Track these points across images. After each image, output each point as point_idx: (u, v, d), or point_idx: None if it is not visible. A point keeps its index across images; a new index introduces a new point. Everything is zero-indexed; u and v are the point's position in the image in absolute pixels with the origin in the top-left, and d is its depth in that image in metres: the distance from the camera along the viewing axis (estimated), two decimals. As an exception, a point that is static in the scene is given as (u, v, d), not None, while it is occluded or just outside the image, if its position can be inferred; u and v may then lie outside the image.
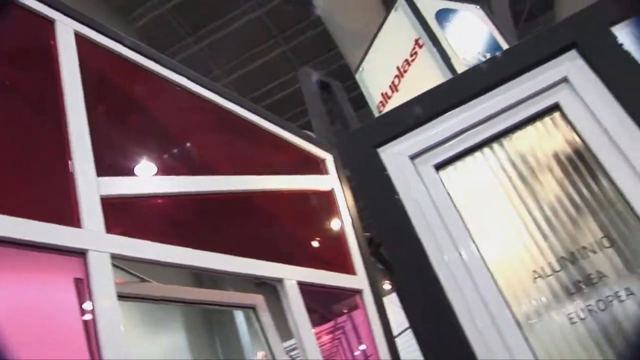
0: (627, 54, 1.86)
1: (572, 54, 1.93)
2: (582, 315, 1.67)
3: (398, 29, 4.54)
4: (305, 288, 2.82)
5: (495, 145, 1.95)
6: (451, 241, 1.85)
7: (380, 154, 1.97)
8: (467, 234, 1.86)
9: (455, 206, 1.89)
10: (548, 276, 1.74)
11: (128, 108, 2.68)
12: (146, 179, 2.44)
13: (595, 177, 1.81)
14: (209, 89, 3.00)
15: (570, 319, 1.68)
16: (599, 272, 1.71)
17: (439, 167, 1.93)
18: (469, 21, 4.85)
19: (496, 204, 1.90)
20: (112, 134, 2.52)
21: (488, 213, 1.91)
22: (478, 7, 5.05)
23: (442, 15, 4.57)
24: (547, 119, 1.93)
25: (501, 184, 1.91)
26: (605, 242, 1.74)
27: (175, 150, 2.83)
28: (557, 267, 1.74)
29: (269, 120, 3.39)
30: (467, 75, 2.11)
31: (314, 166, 3.59)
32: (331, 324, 6.10)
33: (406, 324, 2.02)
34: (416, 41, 4.36)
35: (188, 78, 2.87)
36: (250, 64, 11.20)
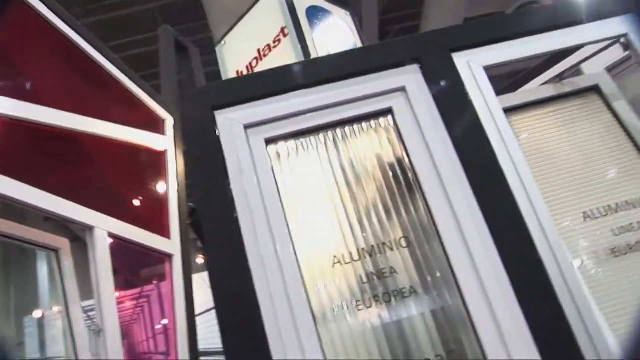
0: (459, 80, 2.03)
1: (414, 67, 2.06)
2: (368, 304, 1.79)
3: (268, 13, 4.55)
4: (117, 244, 2.74)
5: (325, 137, 2.02)
6: (266, 219, 1.88)
7: (217, 117, 1.96)
8: (282, 214, 1.90)
9: (277, 184, 1.93)
10: (347, 263, 1.84)
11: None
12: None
13: (409, 182, 1.95)
14: (63, 20, 2.83)
15: (358, 306, 1.79)
16: (392, 268, 1.84)
17: (270, 141, 1.97)
18: (337, 27, 4.98)
19: (315, 191, 1.98)
20: None
21: (306, 198, 1.98)
22: (348, 14, 5.20)
23: (313, 12, 4.65)
24: (379, 122, 2.04)
25: (324, 174, 1.99)
26: (403, 242, 1.88)
27: (6, 71, 2.62)
28: (356, 256, 1.85)
29: (118, 68, 3.26)
30: (317, 62, 2.18)
31: (153, 124, 3.50)
32: (137, 290, 5.97)
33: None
34: (282, 29, 4.40)
35: (42, 1, 2.69)
36: (114, 11, 10.63)
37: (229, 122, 1.95)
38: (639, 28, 2.17)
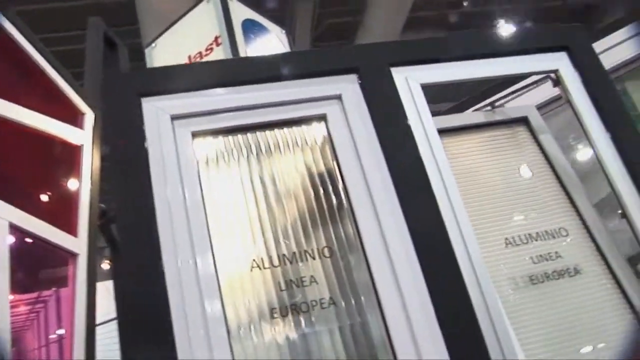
0: (396, 95, 2.01)
1: (352, 77, 2.04)
2: (284, 313, 1.71)
3: (203, 20, 4.45)
4: (16, 243, 2.54)
5: (256, 138, 1.95)
6: (186, 216, 1.77)
7: (143, 104, 1.86)
8: (203, 211, 1.80)
9: (200, 180, 1.83)
10: (265, 268, 1.76)
11: None
12: None
13: (337, 192, 1.90)
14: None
15: (273, 313, 1.70)
16: (312, 277, 1.77)
17: (197, 135, 1.87)
18: (272, 43, 4.94)
19: (240, 193, 1.89)
20: None
21: (229, 198, 1.89)
22: (284, 32, 5.18)
23: (249, 25, 4.59)
24: (312, 128, 1.99)
25: (251, 177, 1.91)
26: (326, 252, 1.82)
27: None
28: (276, 262, 1.77)
29: (39, 51, 3.07)
30: (253, 61, 2.12)
31: (71, 117, 3.31)
32: (34, 295, 5.61)
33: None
34: (216, 38, 4.32)
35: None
36: (47, 3, 10.22)
37: (156, 110, 1.84)
38: (569, 65, 2.24)
